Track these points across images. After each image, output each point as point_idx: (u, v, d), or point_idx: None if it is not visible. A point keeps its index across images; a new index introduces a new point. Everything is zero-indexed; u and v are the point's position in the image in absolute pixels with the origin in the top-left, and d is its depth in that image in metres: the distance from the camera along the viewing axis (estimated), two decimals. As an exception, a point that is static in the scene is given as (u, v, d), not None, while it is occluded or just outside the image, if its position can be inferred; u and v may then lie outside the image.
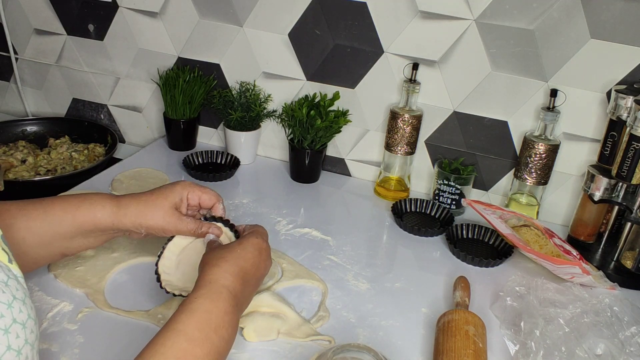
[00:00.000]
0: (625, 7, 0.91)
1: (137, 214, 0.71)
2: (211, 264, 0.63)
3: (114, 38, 1.29)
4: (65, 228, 0.69)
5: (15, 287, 0.47)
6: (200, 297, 0.58)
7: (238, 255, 0.65)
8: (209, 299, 0.58)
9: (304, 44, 1.14)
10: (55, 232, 0.68)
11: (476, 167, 1.11)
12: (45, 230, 0.68)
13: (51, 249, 0.70)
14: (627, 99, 0.89)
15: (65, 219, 0.69)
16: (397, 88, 1.12)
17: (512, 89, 1.03)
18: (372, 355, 0.60)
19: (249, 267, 0.65)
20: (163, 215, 0.72)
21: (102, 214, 0.70)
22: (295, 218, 1.04)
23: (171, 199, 0.73)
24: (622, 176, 0.88)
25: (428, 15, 1.03)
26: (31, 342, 0.47)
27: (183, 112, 1.23)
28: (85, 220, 0.69)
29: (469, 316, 0.73)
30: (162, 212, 0.72)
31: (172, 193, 0.74)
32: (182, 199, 0.74)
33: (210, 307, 0.57)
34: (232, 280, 0.61)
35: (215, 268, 0.62)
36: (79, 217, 0.69)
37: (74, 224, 0.69)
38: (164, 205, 0.72)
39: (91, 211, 0.70)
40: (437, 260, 0.96)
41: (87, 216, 0.69)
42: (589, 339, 0.70)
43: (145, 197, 0.73)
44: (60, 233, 0.69)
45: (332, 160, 1.24)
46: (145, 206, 0.72)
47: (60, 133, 1.33)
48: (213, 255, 0.65)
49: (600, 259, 0.97)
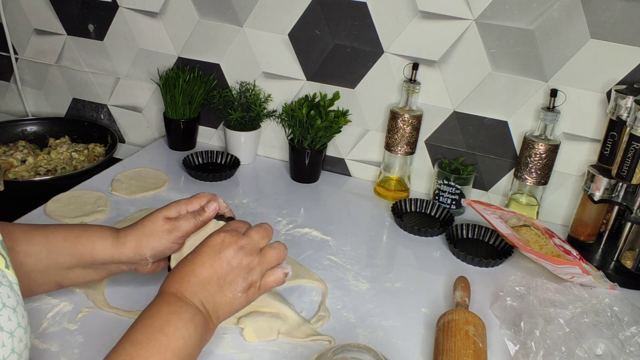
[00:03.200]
0: (625, 7, 0.91)
1: (136, 239, 0.70)
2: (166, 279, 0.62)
3: (114, 38, 1.29)
4: (64, 257, 0.68)
5: (7, 294, 0.46)
6: (146, 307, 0.58)
7: (186, 259, 0.63)
8: (152, 305, 0.58)
9: (304, 44, 1.14)
10: (53, 260, 0.68)
11: (476, 167, 1.11)
12: (44, 257, 0.67)
13: (48, 278, 0.69)
14: (627, 99, 0.89)
15: (65, 247, 0.68)
16: (397, 88, 1.12)
17: (512, 89, 1.03)
18: (372, 355, 0.60)
19: (198, 268, 0.62)
20: (161, 227, 0.70)
21: (101, 246, 0.69)
22: (295, 218, 1.04)
23: (164, 212, 0.71)
24: (622, 176, 0.88)
25: (428, 15, 1.03)
26: (19, 351, 0.46)
27: (183, 112, 1.23)
28: (84, 251, 0.68)
29: (469, 316, 0.73)
30: (159, 224, 0.70)
31: (166, 208, 0.72)
32: (178, 211, 0.72)
33: (153, 312, 0.57)
34: (178, 285, 0.60)
35: (165, 281, 0.62)
36: (79, 247, 0.68)
37: (74, 254, 0.68)
38: (158, 218, 0.70)
39: (91, 241, 0.69)
40: (437, 260, 0.96)
41: (87, 247, 0.69)
42: (589, 339, 0.70)
43: (140, 221, 0.72)
44: (59, 262, 0.68)
45: (332, 160, 1.24)
46: (142, 227, 0.70)
47: (60, 133, 1.33)
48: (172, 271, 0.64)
49: (600, 259, 0.97)
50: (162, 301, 0.59)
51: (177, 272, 0.62)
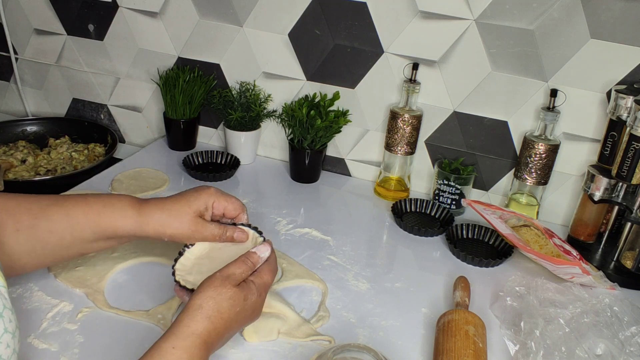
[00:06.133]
0: (625, 7, 0.91)
1: (160, 223, 0.70)
2: (201, 310, 0.59)
3: (114, 38, 1.29)
4: (86, 233, 0.69)
5: None
6: (179, 349, 0.56)
7: (235, 312, 0.61)
8: (187, 354, 0.56)
9: (304, 44, 1.14)
10: (77, 237, 0.68)
11: (476, 167, 1.11)
12: (67, 233, 0.68)
13: (71, 251, 0.70)
14: (627, 99, 0.89)
15: (87, 224, 0.68)
16: (397, 88, 1.12)
17: (512, 89, 1.03)
18: (372, 355, 0.60)
19: (235, 327, 0.63)
20: (188, 224, 0.70)
21: (124, 222, 0.69)
22: (295, 218, 1.04)
23: (195, 207, 0.71)
24: (622, 176, 0.88)
25: (428, 15, 1.03)
26: (6, 357, 0.46)
27: (183, 112, 1.23)
28: (107, 227, 0.69)
29: (469, 316, 0.73)
30: (187, 220, 0.70)
31: (197, 200, 0.72)
32: (207, 207, 0.72)
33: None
34: (216, 339, 0.59)
35: (206, 320, 0.59)
36: (100, 223, 0.69)
37: (96, 230, 0.69)
38: (188, 213, 0.70)
39: (113, 219, 0.69)
40: (437, 260, 0.96)
41: (109, 223, 0.69)
42: (589, 339, 0.70)
43: (168, 204, 0.71)
44: (82, 237, 0.69)
45: (332, 160, 1.24)
46: (169, 215, 0.70)
47: (60, 133, 1.33)
48: (210, 295, 0.61)
49: (600, 259, 0.97)
50: (198, 352, 0.56)
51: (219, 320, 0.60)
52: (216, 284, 0.62)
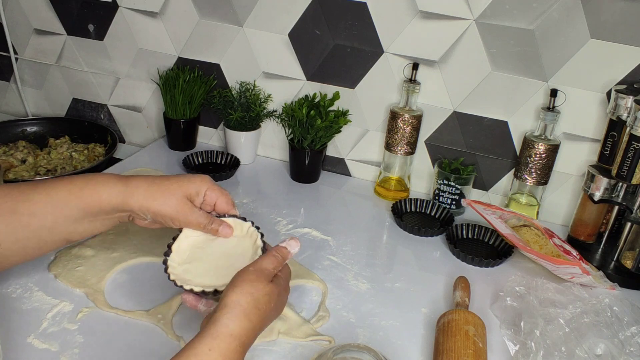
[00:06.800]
0: (625, 7, 0.91)
1: (146, 196, 0.67)
2: (239, 307, 0.57)
3: (114, 38, 1.29)
4: (70, 211, 0.66)
5: None
6: (215, 351, 0.53)
7: (271, 308, 0.60)
8: (222, 357, 0.53)
9: (304, 44, 1.14)
10: (59, 215, 0.66)
11: (476, 167, 1.11)
12: (49, 212, 0.65)
13: (56, 234, 0.67)
14: (627, 99, 0.89)
15: (70, 200, 0.66)
16: (397, 88, 1.12)
17: (512, 89, 1.03)
18: (372, 355, 0.60)
19: (268, 323, 0.61)
20: (175, 203, 0.68)
21: (109, 194, 0.66)
22: (295, 218, 1.04)
23: (186, 190, 0.69)
24: (622, 176, 0.88)
25: (428, 15, 1.03)
26: None
27: (183, 112, 1.23)
28: (90, 201, 0.66)
29: (469, 316, 0.73)
30: (175, 199, 0.68)
31: (190, 184, 0.70)
32: (198, 192, 0.70)
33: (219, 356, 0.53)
34: (253, 337, 0.57)
35: (244, 318, 0.56)
36: (84, 198, 0.66)
37: (79, 206, 0.66)
38: (177, 194, 0.68)
39: (96, 191, 0.66)
40: (437, 260, 0.96)
41: (93, 197, 0.66)
42: (589, 339, 0.70)
43: (158, 180, 0.69)
44: (66, 215, 0.66)
45: (332, 160, 1.24)
46: (158, 190, 0.67)
47: (60, 133, 1.33)
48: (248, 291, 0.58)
49: (600, 259, 0.97)
50: (234, 355, 0.54)
51: (258, 319, 0.58)
52: (251, 278, 0.59)
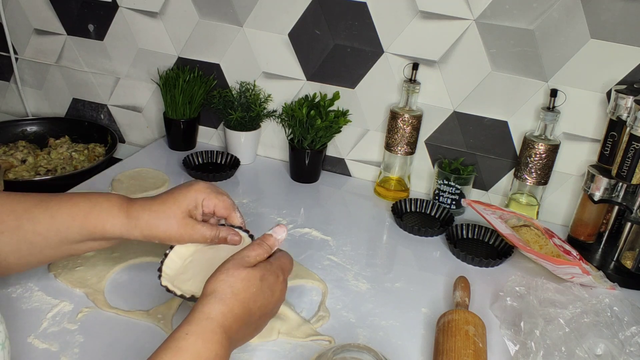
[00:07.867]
0: (625, 7, 0.91)
1: (148, 226, 0.67)
2: (215, 294, 0.56)
3: (114, 38, 1.29)
4: (73, 235, 0.67)
5: None
6: (192, 334, 0.52)
7: (251, 292, 0.58)
8: (201, 339, 0.52)
9: (304, 44, 1.14)
10: (63, 238, 0.67)
11: (476, 167, 1.11)
12: (53, 234, 0.66)
13: (59, 251, 0.68)
14: (627, 99, 0.89)
15: (73, 226, 0.66)
16: (397, 88, 1.12)
17: (512, 89, 1.03)
18: (372, 355, 0.60)
19: (256, 310, 0.58)
20: (177, 226, 0.68)
21: (112, 225, 0.67)
22: (295, 218, 1.04)
23: (184, 206, 0.69)
24: (622, 176, 0.88)
25: (428, 15, 1.03)
26: None
27: (183, 112, 1.23)
28: (94, 229, 0.67)
29: (469, 316, 0.73)
30: (175, 221, 0.68)
31: (186, 199, 0.69)
32: (196, 205, 0.70)
33: (201, 349, 0.52)
34: (233, 321, 0.55)
35: (218, 302, 0.55)
36: (87, 225, 0.67)
37: (82, 232, 0.67)
38: (176, 214, 0.68)
39: (100, 221, 0.67)
40: (437, 260, 0.96)
41: (96, 226, 0.67)
42: (589, 339, 0.70)
43: (156, 205, 0.68)
44: (69, 239, 0.67)
45: (332, 160, 1.24)
46: (157, 217, 0.67)
47: (60, 133, 1.33)
48: (223, 279, 0.57)
49: (600, 259, 0.97)
50: (212, 335, 0.53)
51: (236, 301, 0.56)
52: (228, 266, 0.59)
